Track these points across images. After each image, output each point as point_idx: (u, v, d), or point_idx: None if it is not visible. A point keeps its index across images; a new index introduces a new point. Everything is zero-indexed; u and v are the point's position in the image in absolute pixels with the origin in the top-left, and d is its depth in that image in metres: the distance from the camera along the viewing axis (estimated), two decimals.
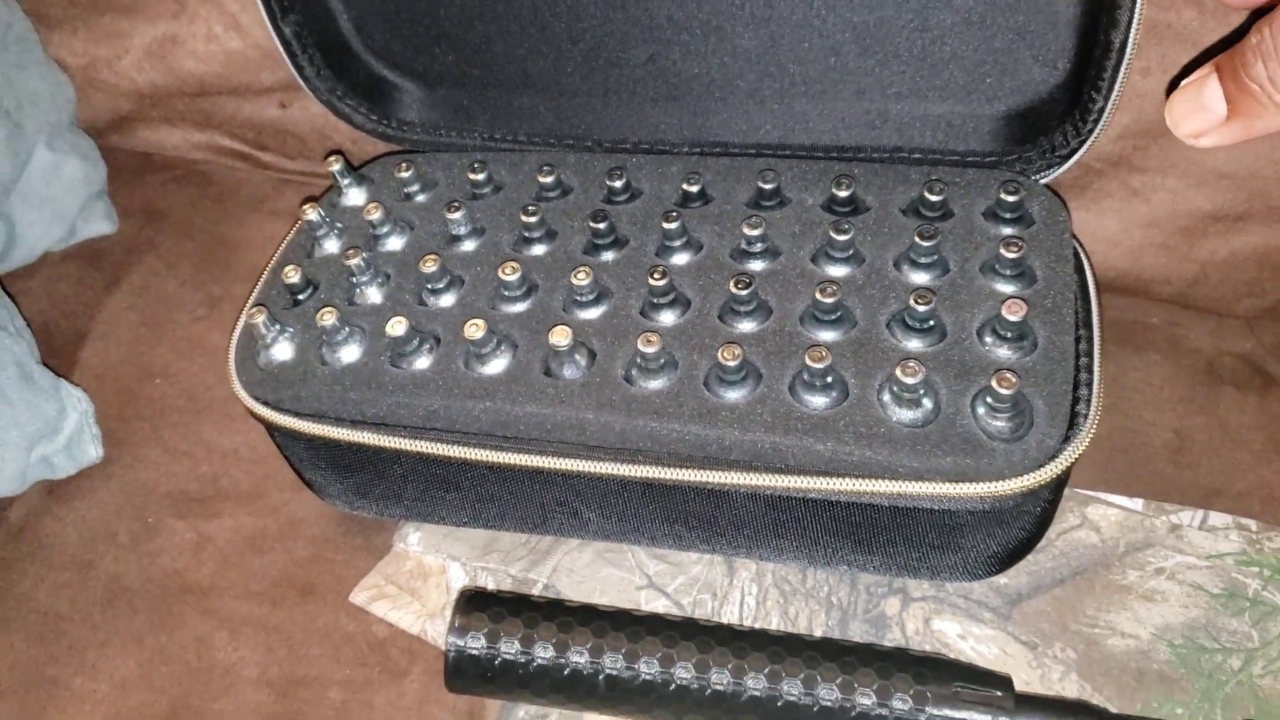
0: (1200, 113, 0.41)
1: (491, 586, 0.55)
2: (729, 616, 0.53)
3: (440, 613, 0.54)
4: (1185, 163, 0.57)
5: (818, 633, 0.52)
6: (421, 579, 0.56)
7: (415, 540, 0.57)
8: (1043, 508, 0.48)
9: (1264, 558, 0.53)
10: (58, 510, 0.59)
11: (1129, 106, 0.55)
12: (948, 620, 0.52)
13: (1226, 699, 0.49)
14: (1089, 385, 0.47)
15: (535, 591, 0.54)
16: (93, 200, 0.70)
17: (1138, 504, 0.55)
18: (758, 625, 0.52)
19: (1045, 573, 0.53)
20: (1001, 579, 0.53)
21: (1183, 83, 0.42)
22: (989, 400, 0.45)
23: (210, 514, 0.59)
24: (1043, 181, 0.54)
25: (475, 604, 0.49)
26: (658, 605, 0.53)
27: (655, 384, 0.48)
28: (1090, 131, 0.51)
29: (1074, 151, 0.53)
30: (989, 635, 0.51)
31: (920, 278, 0.50)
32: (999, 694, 0.45)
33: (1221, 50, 0.41)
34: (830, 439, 0.45)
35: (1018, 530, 0.48)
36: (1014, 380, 0.44)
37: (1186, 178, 0.57)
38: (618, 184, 0.56)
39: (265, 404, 0.52)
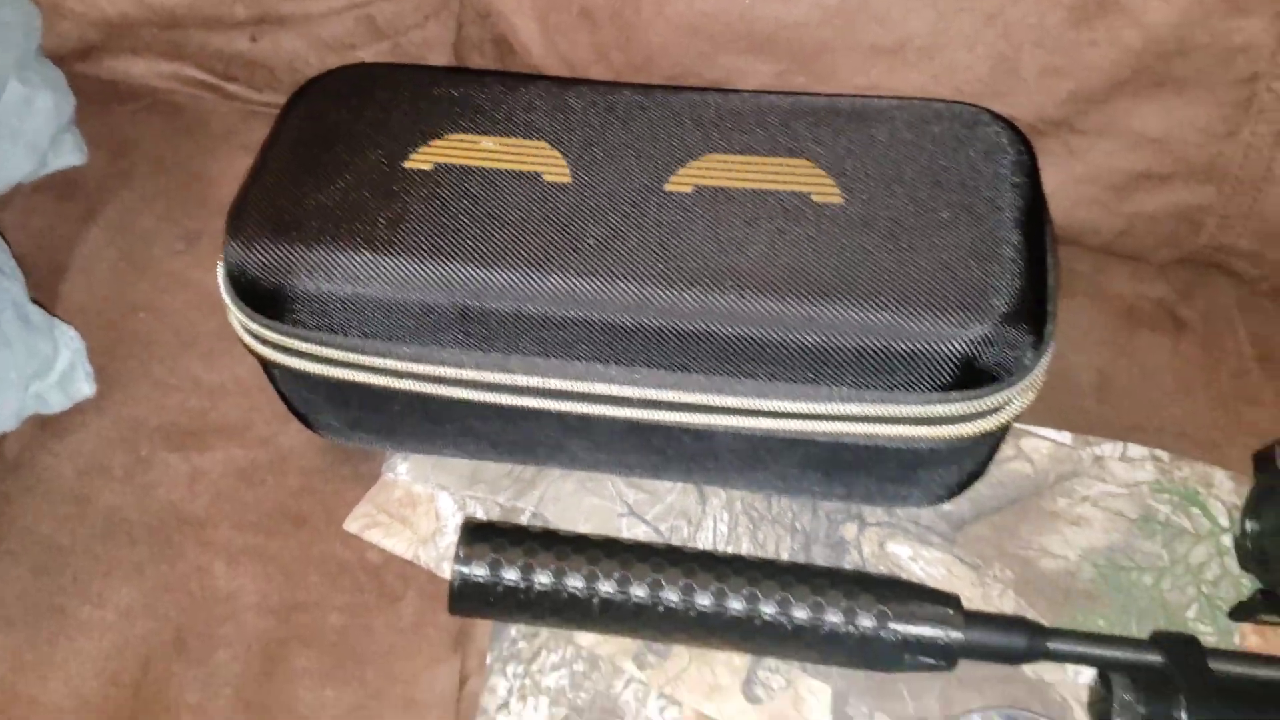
0: None
1: (481, 514, 0.59)
2: (703, 541, 0.57)
3: (431, 538, 0.58)
4: (1119, 128, 0.62)
5: (784, 556, 0.57)
6: (411, 507, 0.59)
7: (404, 470, 0.60)
8: (995, 441, 0.54)
9: (1174, 485, 0.60)
10: (53, 445, 0.61)
11: (1073, 74, 0.60)
12: (900, 544, 0.57)
13: (1140, 612, 0.56)
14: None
15: (523, 520, 0.58)
16: (62, 131, 0.70)
17: (1066, 437, 0.61)
18: (730, 549, 0.57)
19: (985, 500, 0.59)
20: (947, 506, 0.58)
21: None
22: None
23: (202, 447, 0.61)
24: None
25: (478, 534, 0.53)
26: (638, 531, 0.58)
27: None
28: None
29: None
30: (937, 558, 0.57)
31: None
32: (950, 611, 0.51)
33: None
34: None
35: (973, 463, 0.54)
36: None
37: (1120, 140, 0.63)
38: None
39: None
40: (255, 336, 0.54)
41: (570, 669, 0.54)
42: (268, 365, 0.56)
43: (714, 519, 0.58)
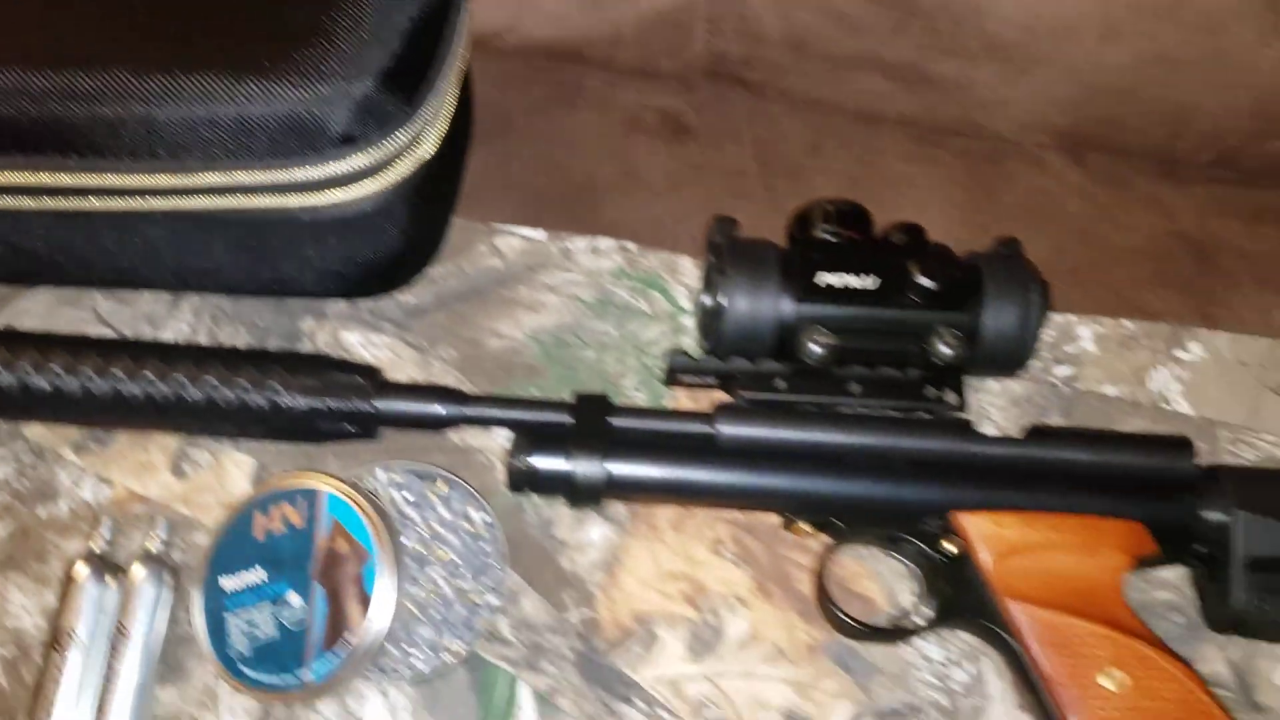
0: None
1: None
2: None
3: None
4: None
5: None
6: None
7: None
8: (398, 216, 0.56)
9: (637, 272, 0.63)
10: None
11: None
12: (353, 332, 0.60)
13: (579, 383, 0.59)
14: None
15: None
16: None
17: (541, 234, 0.64)
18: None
19: (448, 291, 0.62)
20: (410, 299, 0.61)
21: None
22: None
23: None
24: None
25: None
26: (104, 334, 0.60)
27: None
28: None
29: None
30: (385, 342, 0.60)
31: None
32: (364, 382, 0.53)
33: None
34: None
35: (389, 239, 0.57)
36: None
37: None
38: None
39: None
40: None
41: (18, 460, 0.57)
42: None
43: (179, 321, 0.60)
